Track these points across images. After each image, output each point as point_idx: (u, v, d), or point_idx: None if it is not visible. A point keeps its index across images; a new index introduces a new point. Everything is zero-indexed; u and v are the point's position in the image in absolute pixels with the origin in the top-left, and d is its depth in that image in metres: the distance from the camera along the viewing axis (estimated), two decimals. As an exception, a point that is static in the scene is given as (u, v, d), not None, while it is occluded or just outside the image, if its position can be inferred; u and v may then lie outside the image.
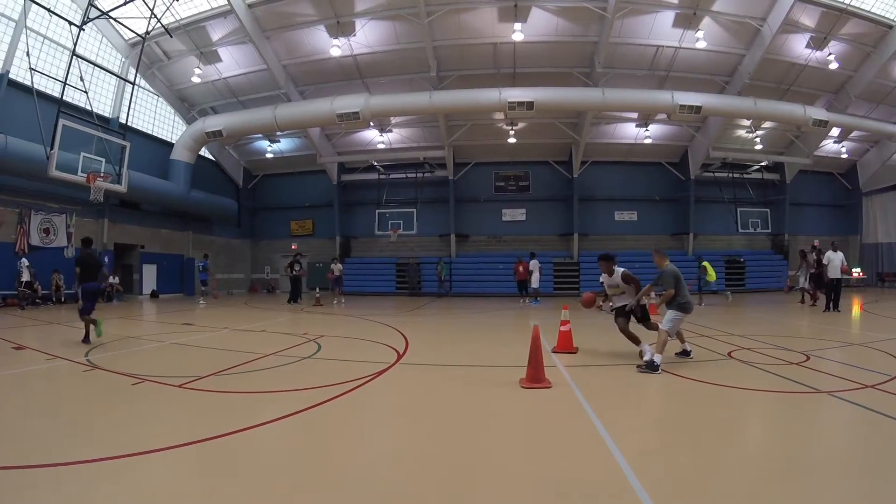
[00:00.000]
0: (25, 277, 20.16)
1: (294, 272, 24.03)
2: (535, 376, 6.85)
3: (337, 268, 24.58)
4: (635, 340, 8.69)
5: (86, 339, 10.55)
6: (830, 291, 17.06)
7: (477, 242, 32.64)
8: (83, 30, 18.09)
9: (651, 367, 7.63)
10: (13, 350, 9.72)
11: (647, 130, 29.51)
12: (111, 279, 23.99)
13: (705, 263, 21.52)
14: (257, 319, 16.63)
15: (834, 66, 24.07)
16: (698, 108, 23.53)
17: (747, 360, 8.47)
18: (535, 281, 22.78)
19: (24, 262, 20.23)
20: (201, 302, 23.76)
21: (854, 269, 30.90)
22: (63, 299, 21.53)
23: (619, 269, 9.04)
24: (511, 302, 23.15)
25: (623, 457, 4.22)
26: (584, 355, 9.11)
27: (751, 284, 30.23)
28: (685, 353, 8.64)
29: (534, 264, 22.77)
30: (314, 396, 6.26)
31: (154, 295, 27.87)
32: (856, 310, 18.41)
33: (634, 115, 28.80)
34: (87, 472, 3.96)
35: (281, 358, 9.10)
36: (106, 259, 24.61)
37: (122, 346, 10.38)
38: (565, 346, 9.39)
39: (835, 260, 17.06)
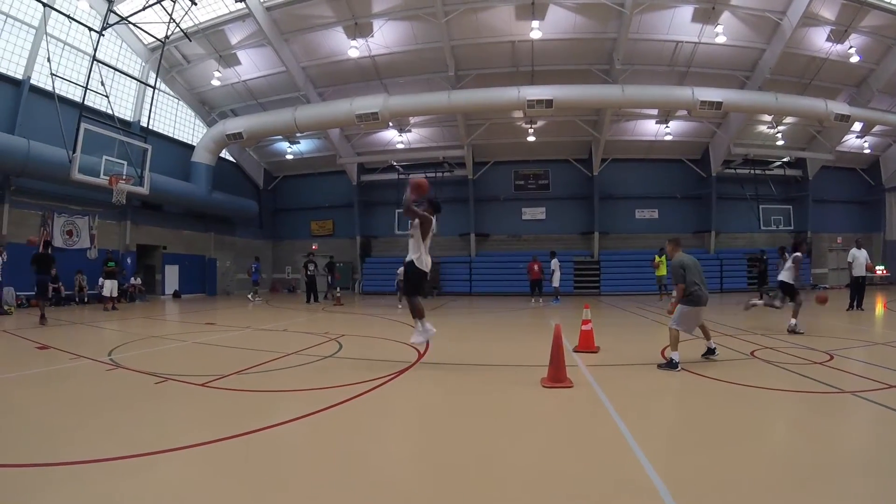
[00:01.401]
0: None
1: (308, 272, 24.14)
2: (557, 376, 6.81)
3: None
4: (415, 314, 8.39)
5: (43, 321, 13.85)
6: (855, 290, 16.83)
7: (497, 241, 32.59)
8: (103, 35, 18.36)
9: (670, 365, 7.64)
10: (37, 350, 9.83)
11: (667, 127, 29.24)
12: (133, 280, 24.31)
13: (660, 259, 21.73)
14: (279, 319, 16.73)
15: (855, 59, 23.78)
16: (719, 104, 23.34)
17: (770, 360, 8.37)
18: (556, 280, 22.75)
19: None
20: (258, 299, 24.95)
21: (878, 268, 30.48)
22: (86, 299, 21.82)
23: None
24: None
25: (645, 457, 4.19)
26: (605, 354, 9.05)
27: (773, 283, 29.78)
28: (710, 352, 8.37)
29: (554, 263, 22.76)
30: (335, 395, 6.28)
31: (176, 295, 28.16)
32: (879, 308, 18.14)
33: (654, 112, 28.55)
34: (112, 469, 4.00)
35: (302, 357, 9.14)
36: (129, 260, 24.93)
37: (145, 346, 10.49)
38: (587, 345, 9.31)
39: (859, 257, 16.79)
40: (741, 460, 4.28)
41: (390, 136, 30.78)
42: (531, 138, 29.33)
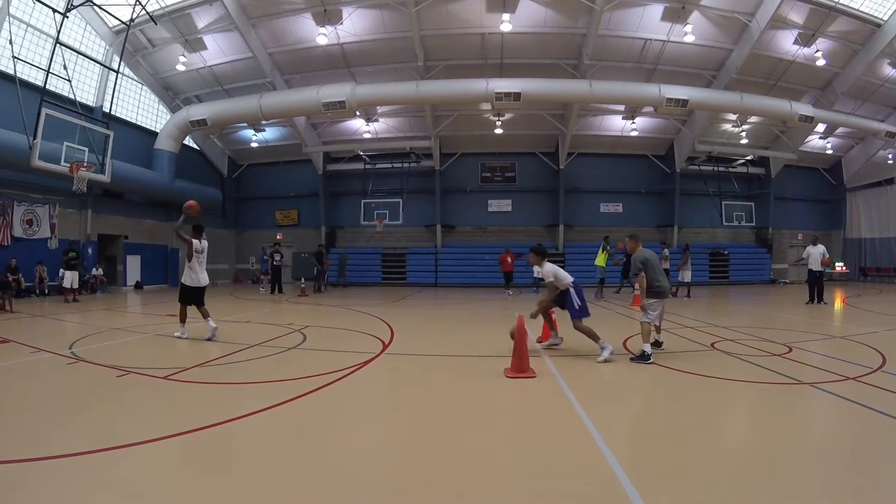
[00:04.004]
0: None
1: (275, 263, 24.02)
2: (520, 366, 6.89)
3: None
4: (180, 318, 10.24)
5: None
6: (813, 284, 17.27)
7: (463, 233, 32.60)
8: (67, 17, 17.92)
9: (643, 357, 7.76)
10: (-4, 342, 9.61)
11: (633, 123, 29.48)
12: (94, 271, 23.81)
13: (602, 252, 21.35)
14: (242, 310, 16.55)
15: (821, 62, 24.26)
16: (685, 102, 23.55)
17: (730, 352, 8.55)
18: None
19: None
20: (262, 289, 25.65)
21: (837, 264, 31.28)
22: (47, 291, 21.28)
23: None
24: (497, 292, 23.15)
25: (607, 446, 4.26)
26: (568, 345, 9.14)
27: (735, 277, 30.50)
28: (656, 344, 8.55)
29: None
30: (300, 387, 6.26)
31: (138, 286, 27.60)
32: (838, 303, 18.62)
33: (621, 108, 28.73)
34: (77, 464, 3.95)
35: (266, 349, 9.08)
36: (90, 251, 24.40)
37: (106, 339, 10.31)
38: (550, 336, 9.39)
39: (814, 253, 17.34)
40: (703, 450, 4.38)
41: (357, 125, 30.45)
42: (498, 131, 29.33)
